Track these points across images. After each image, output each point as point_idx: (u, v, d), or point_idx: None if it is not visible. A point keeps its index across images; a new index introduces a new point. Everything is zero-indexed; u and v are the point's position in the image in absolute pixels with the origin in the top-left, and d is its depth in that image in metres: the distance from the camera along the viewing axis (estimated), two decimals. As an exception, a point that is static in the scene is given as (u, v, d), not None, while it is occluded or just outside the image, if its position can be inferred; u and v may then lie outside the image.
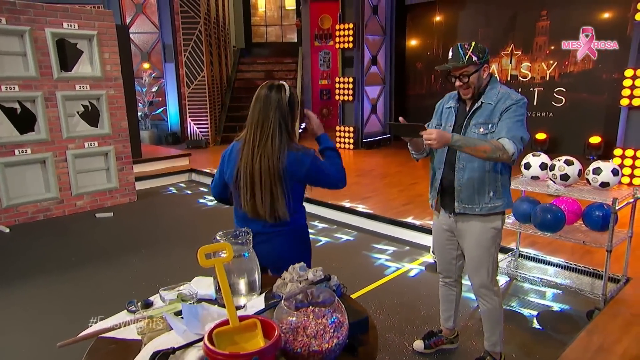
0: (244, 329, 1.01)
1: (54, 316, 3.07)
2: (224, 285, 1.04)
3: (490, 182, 2.11)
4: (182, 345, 1.03)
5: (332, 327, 1.06)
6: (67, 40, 5.21)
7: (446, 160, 2.19)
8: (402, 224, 4.49)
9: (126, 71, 5.97)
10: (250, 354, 0.91)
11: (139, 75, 9.31)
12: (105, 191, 5.70)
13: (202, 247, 1.07)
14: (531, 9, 8.04)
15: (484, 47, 2.07)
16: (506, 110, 2.00)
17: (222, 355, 0.91)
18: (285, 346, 1.04)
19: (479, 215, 2.16)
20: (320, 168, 1.75)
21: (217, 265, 1.06)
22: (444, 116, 2.25)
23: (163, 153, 7.69)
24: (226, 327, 1.01)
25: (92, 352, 1.14)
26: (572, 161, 3.05)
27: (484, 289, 2.26)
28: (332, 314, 1.08)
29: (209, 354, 0.93)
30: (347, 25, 8.55)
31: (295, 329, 1.05)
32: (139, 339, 1.17)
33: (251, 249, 1.39)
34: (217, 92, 10.19)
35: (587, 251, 3.63)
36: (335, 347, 1.06)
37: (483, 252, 2.20)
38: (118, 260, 4.03)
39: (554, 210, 3.05)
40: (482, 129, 2.05)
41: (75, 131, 5.37)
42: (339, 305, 1.11)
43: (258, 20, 13.41)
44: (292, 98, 1.74)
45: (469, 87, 2.06)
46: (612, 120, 6.62)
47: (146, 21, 9.73)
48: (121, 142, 5.75)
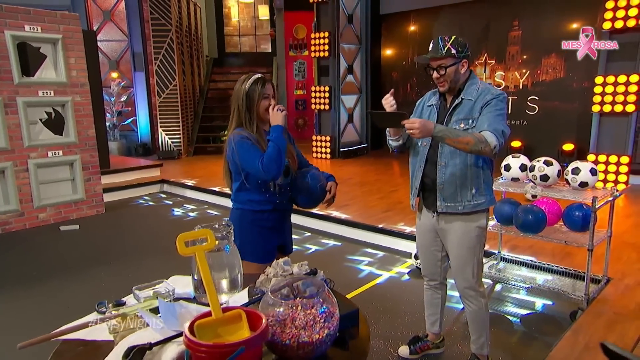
0: (228, 321, 0.95)
1: (13, 332, 2.88)
2: (205, 273, 0.98)
3: (472, 178, 2.10)
4: (160, 341, 0.96)
5: (322, 317, 1.00)
6: (29, 44, 5.04)
7: (427, 158, 2.18)
8: (383, 231, 4.47)
9: (93, 77, 5.82)
10: (236, 344, 0.85)
11: (107, 85, 9.10)
12: (71, 203, 5.48)
13: (181, 234, 1.01)
14: (503, 19, 8.30)
15: (465, 42, 2.08)
16: (486, 105, 2.01)
17: (205, 347, 0.85)
18: (272, 338, 0.98)
19: (463, 214, 2.15)
20: (241, 152, 1.93)
21: (198, 253, 1.00)
22: (424, 114, 2.25)
23: (133, 164, 7.49)
24: (209, 319, 0.94)
25: (57, 355, 1.05)
26: (552, 162, 3.10)
27: (470, 290, 2.25)
28: (322, 303, 1.02)
29: (190, 347, 0.86)
30: (322, 34, 8.62)
31: (283, 321, 1.00)
32: (110, 339, 1.08)
33: (232, 243, 1.32)
34: (189, 102, 10.06)
35: (567, 253, 3.69)
36: (326, 338, 1.01)
37: (468, 251, 2.19)
38: (84, 273, 3.85)
39: (535, 211, 3.08)
40: (462, 125, 2.05)
41: (38, 139, 5.17)
42: (329, 295, 1.06)
43: (231, 30, 13.39)
44: (250, 87, 1.97)
45: (445, 80, 2.07)
46: (584, 127, 6.84)
47: (114, 28, 9.56)
48: (88, 152, 5.56)
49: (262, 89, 1.98)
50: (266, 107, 1.99)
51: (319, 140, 8.96)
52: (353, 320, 1.19)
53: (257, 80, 1.99)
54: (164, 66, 9.07)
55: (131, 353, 0.89)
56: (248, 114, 1.99)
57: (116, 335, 1.05)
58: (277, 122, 1.95)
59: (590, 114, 6.16)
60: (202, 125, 10.32)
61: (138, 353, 0.90)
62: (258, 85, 1.98)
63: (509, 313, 3.10)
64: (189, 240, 1.05)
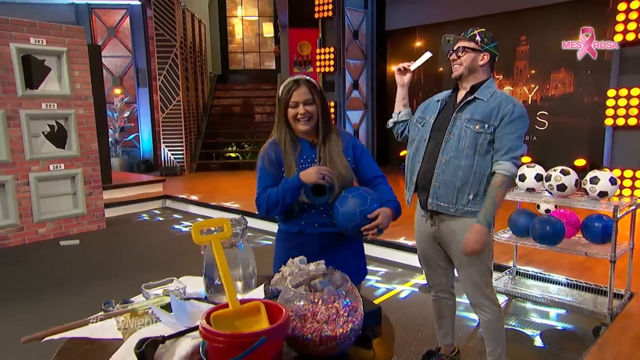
0: (246, 313, 0.90)
1: (11, 347, 2.81)
2: (221, 262, 0.93)
3: (473, 183, 2.03)
4: (173, 334, 0.91)
5: (345, 310, 0.95)
6: (34, 57, 5.09)
7: (426, 152, 2.12)
8: (392, 245, 4.40)
9: (97, 91, 5.87)
10: (258, 333, 0.80)
11: (109, 101, 9.18)
12: (71, 217, 5.44)
13: (196, 223, 0.97)
14: (510, 35, 8.37)
15: (493, 38, 2.07)
16: (510, 122, 1.98)
17: (224, 337, 0.79)
18: (293, 333, 0.92)
19: (462, 217, 2.06)
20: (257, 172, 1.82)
21: (214, 242, 0.96)
22: (429, 108, 2.22)
23: (135, 179, 7.48)
24: (226, 310, 0.89)
25: (62, 353, 1.00)
26: (568, 171, 3.06)
27: (481, 299, 2.16)
28: (345, 297, 0.97)
29: (208, 337, 0.81)
30: (327, 49, 8.70)
31: (304, 316, 0.94)
32: (118, 338, 1.03)
33: (246, 241, 1.28)
34: (192, 118, 10.11)
35: (586, 268, 3.61)
36: (350, 333, 0.96)
37: (473, 257, 2.10)
38: (84, 288, 3.79)
39: (553, 222, 3.03)
40: (477, 127, 2.00)
41: (40, 152, 5.17)
42: (352, 289, 1.01)
43: (235, 48, 13.57)
44: (281, 93, 1.79)
45: (460, 64, 2.05)
46: (596, 142, 6.80)
47: (119, 45, 9.69)
48: (90, 165, 5.55)
49: (287, 96, 1.75)
50: (293, 116, 1.76)
51: (324, 157, 8.93)
52: (376, 317, 1.13)
53: (285, 86, 1.78)
54: (168, 82, 9.15)
55: (144, 345, 0.84)
56: (282, 119, 1.80)
57: (125, 332, 1.00)
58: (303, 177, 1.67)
59: (602, 128, 6.13)
60: (205, 141, 10.35)
61: (151, 345, 0.84)
62: (284, 91, 1.77)
63: (526, 329, 3.01)
64: (204, 229, 1.00)
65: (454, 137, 2.04)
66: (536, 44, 8.14)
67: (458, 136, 2.03)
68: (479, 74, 2.07)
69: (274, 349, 0.83)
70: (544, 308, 3.28)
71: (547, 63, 8.00)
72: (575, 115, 7.81)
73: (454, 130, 2.05)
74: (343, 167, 1.76)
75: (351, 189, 1.73)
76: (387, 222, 1.65)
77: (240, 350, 0.77)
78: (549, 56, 7.89)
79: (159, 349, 0.86)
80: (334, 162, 1.76)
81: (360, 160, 1.86)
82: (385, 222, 1.64)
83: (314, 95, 1.75)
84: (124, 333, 1.00)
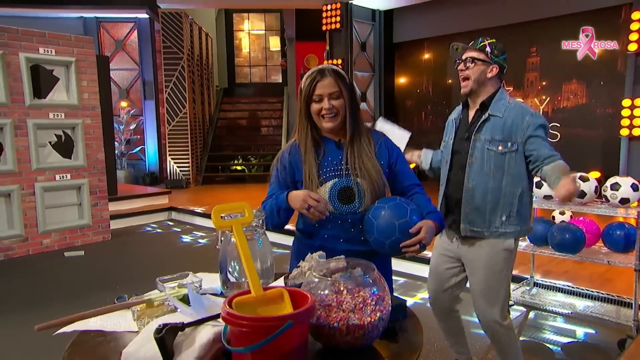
0: (269, 300, 0.86)
1: (15, 357, 2.77)
2: (243, 247, 0.90)
3: (504, 204, 1.99)
4: (193, 322, 0.87)
5: (372, 299, 0.92)
6: (43, 67, 5.15)
7: (450, 177, 2.09)
8: (404, 257, 4.33)
9: (105, 101, 5.91)
10: (283, 317, 0.76)
11: (116, 113, 9.25)
12: (76, 228, 5.43)
13: (216, 207, 0.94)
14: (520, 46, 8.38)
15: (503, 49, 2.03)
16: (536, 136, 1.94)
17: (247, 320, 0.76)
18: (318, 322, 0.89)
19: (495, 239, 2.03)
20: None
21: (235, 226, 0.93)
22: (447, 129, 2.19)
23: (140, 191, 7.48)
24: (248, 296, 0.86)
25: (75, 345, 0.96)
26: (587, 177, 3.02)
27: (494, 324, 2.08)
28: (372, 286, 0.94)
29: (231, 321, 0.77)
30: (335, 61, 8.75)
31: (328, 306, 0.91)
32: (133, 330, 0.99)
33: (264, 234, 1.24)
34: (199, 131, 10.17)
35: (607, 279, 3.53)
36: (379, 322, 0.92)
37: (493, 276, 2.04)
38: (88, 298, 3.74)
39: (572, 229, 2.97)
40: (500, 147, 1.96)
41: (46, 162, 5.19)
42: (379, 278, 0.97)
43: (242, 61, 13.70)
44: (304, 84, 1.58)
45: (468, 79, 1.99)
46: (611, 154, 6.74)
47: (126, 57, 9.81)
48: (96, 175, 5.56)
49: (310, 89, 1.53)
50: (317, 111, 1.54)
51: (331, 169, 8.92)
52: (402, 311, 1.09)
53: (309, 76, 1.56)
54: (175, 94, 9.22)
55: (164, 330, 0.80)
56: (304, 115, 1.58)
57: (140, 324, 0.96)
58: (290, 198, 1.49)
59: (617, 139, 6.09)
60: (211, 154, 10.38)
61: (170, 332, 0.81)
62: (307, 82, 1.55)
63: (548, 341, 2.93)
64: (225, 214, 0.97)
65: (477, 162, 2.00)
66: (547, 55, 8.14)
67: (481, 160, 1.99)
68: (488, 87, 2.02)
69: (300, 336, 0.79)
70: (564, 320, 3.19)
71: (558, 74, 7.99)
72: (589, 127, 7.76)
73: (475, 153, 2.01)
74: (375, 172, 1.56)
75: (386, 199, 1.53)
76: (431, 237, 1.46)
77: (265, 335, 0.73)
78: (560, 67, 7.88)
79: (178, 336, 0.82)
80: (364, 166, 1.55)
81: (395, 165, 1.64)
82: (428, 237, 1.44)
83: (342, 87, 1.53)
84: (140, 325, 0.96)
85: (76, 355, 0.93)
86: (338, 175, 1.56)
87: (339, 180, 1.56)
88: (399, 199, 1.52)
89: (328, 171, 1.57)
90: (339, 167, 1.57)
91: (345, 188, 1.55)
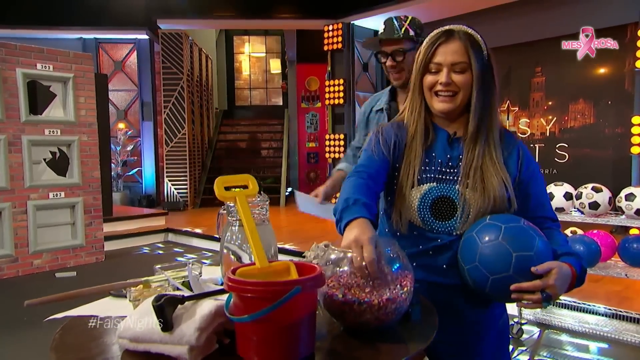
0: (275, 273, 0.83)
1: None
2: (248, 219, 0.87)
3: None
4: (193, 295, 0.83)
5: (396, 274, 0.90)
6: (39, 82, 5.20)
7: None
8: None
9: (102, 119, 5.94)
10: (291, 282, 0.73)
11: (113, 135, 9.30)
12: (69, 249, 5.37)
13: (219, 178, 0.92)
14: (525, 66, 8.49)
15: (421, 24, 1.85)
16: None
17: (253, 285, 0.72)
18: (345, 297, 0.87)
19: None
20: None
21: (239, 197, 0.90)
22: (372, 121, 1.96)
23: (136, 212, 7.45)
24: (252, 267, 0.82)
25: (66, 329, 0.93)
26: (601, 188, 3.00)
27: None
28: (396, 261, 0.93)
29: (235, 288, 0.73)
30: (337, 81, 8.85)
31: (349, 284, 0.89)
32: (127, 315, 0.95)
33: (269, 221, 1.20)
34: (197, 152, 10.20)
35: (624, 298, 3.46)
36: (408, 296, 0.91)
37: None
38: (80, 318, 3.67)
39: (586, 241, 2.93)
40: None
41: (40, 180, 5.18)
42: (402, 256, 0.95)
43: (242, 84, 13.88)
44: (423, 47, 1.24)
45: (403, 70, 1.79)
46: (622, 174, 6.72)
47: (125, 78, 9.93)
48: (91, 194, 5.54)
49: (429, 53, 1.18)
50: (430, 85, 1.19)
51: (333, 191, 8.90)
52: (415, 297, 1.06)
53: (431, 37, 1.20)
54: (173, 114, 9.29)
55: (162, 299, 0.76)
56: (417, 90, 1.22)
57: (136, 304, 0.92)
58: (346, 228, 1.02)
59: (627, 158, 6.09)
60: (209, 176, 10.37)
61: (170, 303, 0.77)
62: (428, 44, 1.19)
63: None
64: (228, 185, 0.95)
65: None
66: (552, 74, 8.24)
67: None
68: None
69: (308, 304, 0.76)
70: (581, 339, 3.11)
71: (564, 94, 8.06)
72: (597, 147, 7.77)
73: None
74: (500, 188, 1.15)
75: (505, 217, 1.11)
76: (562, 287, 1.03)
77: (271, 301, 0.69)
78: (566, 87, 7.96)
79: (178, 309, 0.79)
80: (484, 175, 1.16)
81: (529, 185, 1.22)
82: (558, 286, 1.01)
83: (472, 58, 1.14)
84: (135, 304, 0.93)
85: (68, 336, 0.89)
86: (438, 180, 1.19)
87: (438, 185, 1.19)
88: (525, 222, 1.09)
89: (428, 170, 1.20)
90: (443, 169, 1.20)
91: (444, 198, 1.18)
